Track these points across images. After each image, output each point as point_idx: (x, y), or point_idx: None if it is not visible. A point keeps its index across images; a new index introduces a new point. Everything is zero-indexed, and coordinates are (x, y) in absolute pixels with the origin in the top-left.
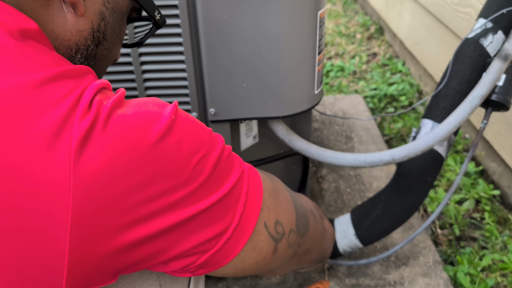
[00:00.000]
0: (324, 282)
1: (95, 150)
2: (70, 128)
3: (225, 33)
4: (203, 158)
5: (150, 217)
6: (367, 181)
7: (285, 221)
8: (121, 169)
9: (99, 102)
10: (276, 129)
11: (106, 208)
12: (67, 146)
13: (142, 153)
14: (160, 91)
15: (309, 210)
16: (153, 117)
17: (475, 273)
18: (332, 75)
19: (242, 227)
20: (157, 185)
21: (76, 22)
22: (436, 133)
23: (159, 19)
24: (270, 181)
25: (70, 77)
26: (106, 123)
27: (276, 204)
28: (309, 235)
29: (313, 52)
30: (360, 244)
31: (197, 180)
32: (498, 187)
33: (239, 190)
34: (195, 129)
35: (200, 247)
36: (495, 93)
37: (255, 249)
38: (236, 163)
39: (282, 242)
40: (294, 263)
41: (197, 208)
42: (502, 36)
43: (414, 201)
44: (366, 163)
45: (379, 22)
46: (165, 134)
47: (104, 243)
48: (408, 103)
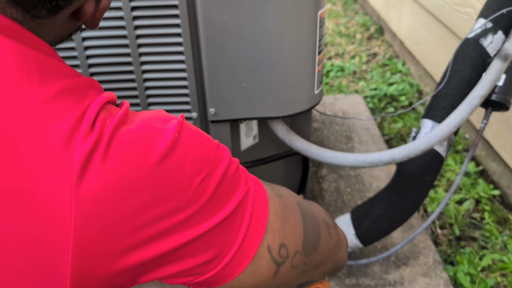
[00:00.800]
0: (324, 282)
1: (96, 172)
2: (73, 149)
3: (225, 33)
4: (206, 177)
5: (152, 240)
6: (367, 181)
7: (291, 244)
8: (123, 191)
9: (103, 121)
10: (276, 129)
11: (108, 231)
12: (69, 168)
13: (143, 175)
14: (160, 91)
15: (322, 221)
16: (156, 135)
17: (475, 273)
18: (332, 75)
19: (243, 251)
20: (159, 207)
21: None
22: (436, 133)
23: None
24: (279, 199)
25: (72, 92)
26: (109, 144)
27: (282, 225)
28: (319, 251)
29: (313, 52)
30: (360, 244)
31: (200, 201)
32: (498, 187)
33: (243, 211)
34: (199, 146)
35: (197, 269)
36: (495, 93)
37: (254, 272)
38: (242, 180)
39: (285, 265)
40: (304, 278)
41: (199, 230)
42: (502, 36)
43: (414, 201)
44: (366, 163)
45: (379, 22)
46: (168, 154)
47: (106, 266)
48: (408, 103)
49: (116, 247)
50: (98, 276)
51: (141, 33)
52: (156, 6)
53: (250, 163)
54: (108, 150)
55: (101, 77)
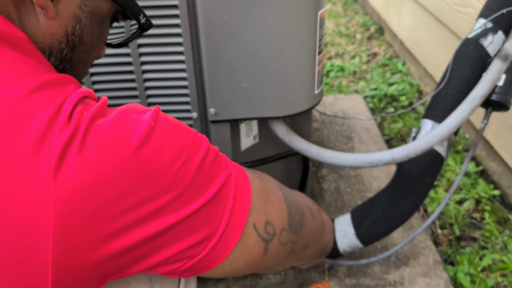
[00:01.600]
0: (324, 282)
1: (74, 162)
2: (50, 140)
3: (225, 33)
4: (185, 162)
5: (134, 225)
6: (367, 181)
7: (276, 221)
8: (101, 179)
9: (80, 113)
10: (276, 129)
11: (89, 219)
12: (47, 158)
13: (121, 162)
14: (160, 91)
15: (305, 205)
16: (132, 125)
17: (475, 273)
18: (332, 75)
19: (230, 232)
20: (139, 193)
21: (48, 25)
22: (436, 133)
23: (145, 22)
24: (260, 181)
25: (50, 87)
26: (85, 134)
27: (265, 204)
28: (305, 230)
29: (313, 52)
30: (360, 244)
31: (180, 185)
32: (498, 187)
33: (226, 193)
34: (176, 134)
35: (186, 253)
36: (495, 93)
37: (244, 251)
38: (222, 165)
39: (273, 242)
40: (293, 259)
41: (182, 214)
42: (502, 36)
43: (414, 201)
44: (366, 163)
45: (379, 22)
46: (145, 141)
47: (88, 254)
48: (408, 103)
49: (97, 234)
50: (81, 265)
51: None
52: (156, 6)
53: (250, 163)
54: (85, 140)
55: (101, 77)
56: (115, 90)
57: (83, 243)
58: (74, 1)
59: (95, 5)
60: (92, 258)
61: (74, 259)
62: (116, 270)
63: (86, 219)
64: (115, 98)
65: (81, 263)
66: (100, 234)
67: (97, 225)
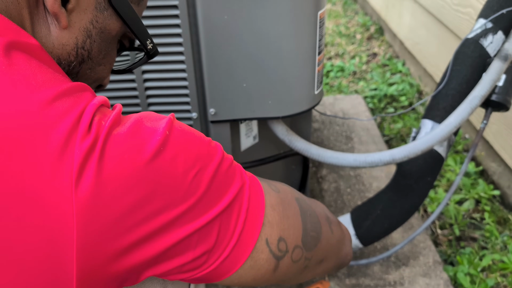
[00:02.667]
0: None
1: (94, 171)
2: (72, 150)
3: (225, 33)
4: (199, 171)
5: (152, 235)
6: (367, 181)
7: (289, 238)
8: (120, 188)
9: (98, 123)
10: (276, 129)
11: (110, 228)
12: (69, 168)
13: (138, 172)
14: (160, 91)
15: (323, 218)
16: (147, 134)
17: (475, 273)
18: (332, 75)
19: (241, 245)
20: (155, 202)
21: (60, 35)
22: (436, 133)
23: (151, 48)
24: (275, 193)
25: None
26: (104, 144)
27: (280, 219)
28: (320, 246)
29: (313, 52)
30: (360, 244)
31: (195, 195)
32: (498, 187)
33: (240, 205)
34: (191, 143)
35: (197, 264)
36: (495, 93)
37: (254, 267)
38: (236, 175)
39: (285, 259)
40: (308, 275)
41: (197, 224)
42: (502, 36)
43: (414, 201)
44: (366, 163)
45: (379, 22)
46: (160, 151)
47: (110, 262)
48: (408, 103)
49: (119, 244)
50: (103, 272)
51: None
52: (156, 6)
53: (250, 163)
54: (104, 150)
55: None
56: (115, 91)
57: (105, 252)
58: (86, 15)
59: (106, 23)
60: (113, 265)
61: (97, 266)
62: (131, 276)
63: (107, 228)
64: (115, 98)
65: (103, 270)
66: (120, 244)
67: (117, 234)
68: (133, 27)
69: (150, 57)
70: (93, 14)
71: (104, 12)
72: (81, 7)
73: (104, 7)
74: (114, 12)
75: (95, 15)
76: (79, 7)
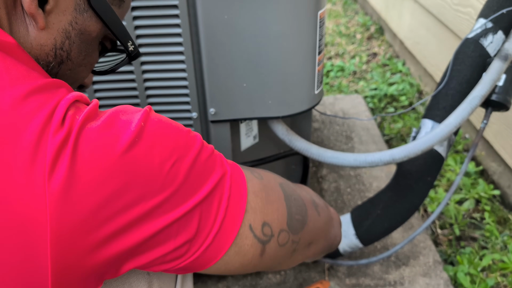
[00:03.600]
0: (324, 282)
1: (67, 165)
2: (45, 144)
3: (225, 33)
4: (176, 162)
5: (129, 226)
6: (367, 181)
7: (274, 222)
8: (94, 181)
9: (72, 117)
10: (276, 129)
11: (84, 221)
12: (42, 161)
13: (112, 164)
14: (160, 91)
15: (308, 202)
16: (121, 127)
17: (475, 273)
18: (332, 75)
19: (223, 233)
20: (131, 194)
21: (38, 36)
22: (436, 133)
23: (133, 50)
24: (258, 180)
25: (42, 91)
26: (77, 138)
27: (263, 204)
28: (307, 229)
29: (313, 52)
30: (360, 244)
31: (172, 185)
32: (498, 187)
33: (220, 194)
34: (167, 133)
35: (178, 252)
36: (495, 93)
37: (239, 253)
38: (217, 165)
39: (271, 243)
40: (298, 258)
41: (175, 214)
42: (502, 36)
43: (414, 201)
44: (366, 163)
45: (379, 22)
46: (134, 142)
47: (86, 255)
48: (408, 103)
49: (93, 236)
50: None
51: (141, 33)
52: (156, 6)
53: (250, 163)
54: (78, 143)
55: (101, 78)
56: (115, 90)
57: (80, 245)
58: (65, 16)
59: (86, 25)
60: (90, 259)
61: (72, 260)
62: (111, 269)
63: (81, 220)
64: (115, 98)
65: (79, 263)
66: (96, 236)
67: (92, 227)
68: (113, 29)
69: (131, 59)
70: (72, 15)
71: (84, 13)
72: (60, 9)
73: (84, 9)
74: (94, 13)
75: (74, 17)
76: (58, 9)
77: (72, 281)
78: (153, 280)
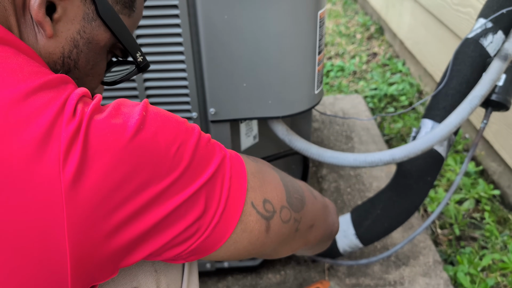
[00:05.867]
0: (324, 282)
1: (81, 152)
2: (58, 133)
3: (225, 33)
4: (181, 146)
5: (142, 209)
6: (367, 181)
7: (274, 199)
8: (105, 166)
9: (82, 109)
10: (276, 129)
11: (99, 206)
12: (56, 149)
13: (120, 149)
14: (160, 91)
15: (303, 184)
16: (126, 116)
17: (475, 273)
18: (332, 75)
19: (229, 211)
20: (141, 176)
21: (46, 44)
22: (436, 133)
23: (141, 61)
24: (254, 163)
25: (52, 87)
26: (88, 127)
27: (261, 184)
28: (307, 209)
29: (313, 52)
30: (360, 244)
31: (179, 167)
32: (498, 187)
33: (223, 175)
34: (168, 121)
35: (188, 232)
36: (495, 93)
37: (246, 229)
38: (216, 149)
39: (274, 219)
40: (300, 241)
41: (184, 195)
42: (502, 36)
43: (414, 201)
44: (366, 163)
45: (379, 22)
46: (139, 129)
47: (103, 241)
48: (408, 103)
49: (110, 221)
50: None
51: (141, 33)
52: (156, 6)
53: None
54: (88, 132)
55: None
56: (115, 90)
57: (97, 230)
58: (73, 25)
59: (94, 34)
60: (106, 244)
61: (90, 246)
62: (127, 255)
63: (96, 205)
64: (115, 98)
65: (97, 249)
66: (112, 221)
67: (107, 212)
68: (121, 39)
69: (140, 70)
70: (80, 24)
71: (92, 22)
72: (68, 17)
73: (92, 18)
74: (102, 23)
75: (82, 26)
76: (66, 17)
77: (90, 267)
78: (160, 277)
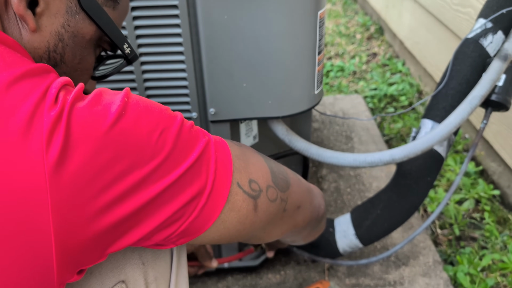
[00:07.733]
0: (324, 282)
1: (63, 137)
2: (40, 119)
3: (225, 33)
4: (163, 132)
5: (126, 193)
6: (367, 181)
7: (259, 179)
8: (88, 152)
9: (64, 97)
10: (276, 129)
11: (83, 188)
12: (39, 134)
13: (102, 135)
14: (160, 91)
15: (288, 170)
16: (108, 103)
17: (475, 273)
18: (332, 75)
19: (216, 192)
20: (125, 162)
21: (31, 39)
22: (436, 133)
23: (129, 53)
24: (238, 147)
25: (34, 75)
26: (70, 114)
27: (246, 165)
28: (293, 190)
29: (313, 52)
30: (360, 244)
31: (162, 152)
32: (498, 187)
33: (208, 158)
34: (150, 109)
35: (177, 214)
36: (495, 93)
37: (233, 209)
38: (200, 134)
39: (261, 198)
40: (289, 222)
41: (168, 179)
42: (502, 36)
43: (414, 201)
44: (366, 163)
45: (379, 22)
46: (121, 116)
47: (87, 223)
48: (408, 103)
49: (94, 204)
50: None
51: (141, 33)
52: (156, 6)
53: None
54: (70, 118)
55: None
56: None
57: (81, 213)
58: (57, 19)
59: (79, 27)
60: (91, 227)
61: (74, 228)
62: (114, 240)
63: (79, 188)
64: None
65: (81, 232)
66: (95, 204)
67: (91, 195)
68: (106, 31)
69: (129, 62)
70: (64, 18)
71: (76, 16)
72: (51, 11)
73: (76, 11)
74: (86, 16)
75: (66, 19)
76: (49, 11)
77: (75, 250)
78: (148, 270)
